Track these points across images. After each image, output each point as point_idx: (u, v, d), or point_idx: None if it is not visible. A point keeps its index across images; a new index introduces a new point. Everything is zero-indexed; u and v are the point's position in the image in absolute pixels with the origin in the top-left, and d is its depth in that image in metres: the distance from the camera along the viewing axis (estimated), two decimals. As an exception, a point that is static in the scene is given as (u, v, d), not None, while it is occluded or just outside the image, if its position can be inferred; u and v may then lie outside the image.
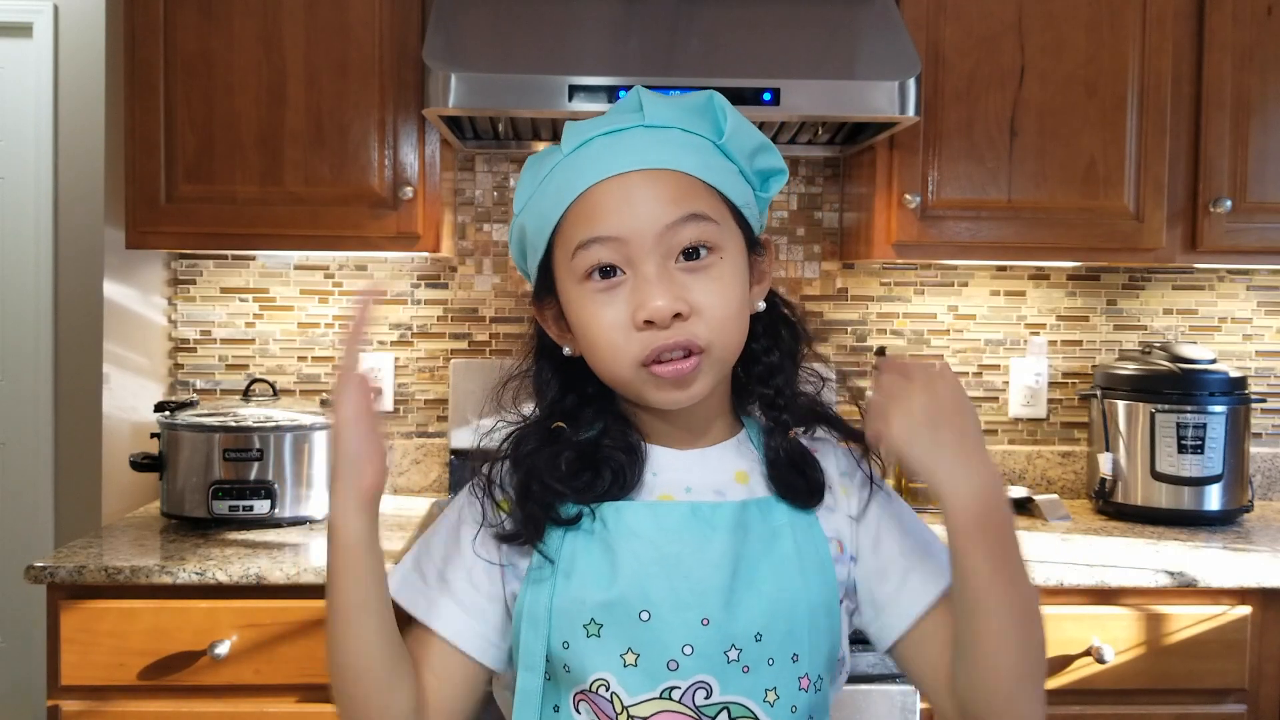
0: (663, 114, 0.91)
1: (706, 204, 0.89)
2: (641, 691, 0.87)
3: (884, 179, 2.09)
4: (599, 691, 0.87)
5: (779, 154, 0.96)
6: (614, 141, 0.90)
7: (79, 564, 1.72)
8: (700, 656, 0.87)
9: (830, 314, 2.44)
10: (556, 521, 0.91)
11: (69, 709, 1.73)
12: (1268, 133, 2.10)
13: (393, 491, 2.39)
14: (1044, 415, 2.46)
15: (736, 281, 0.90)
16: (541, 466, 0.92)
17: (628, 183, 0.88)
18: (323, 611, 0.88)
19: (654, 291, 0.86)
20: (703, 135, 0.91)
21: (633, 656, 0.87)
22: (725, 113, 0.91)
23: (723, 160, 0.92)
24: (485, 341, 2.41)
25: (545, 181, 0.92)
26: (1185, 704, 1.79)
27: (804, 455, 0.96)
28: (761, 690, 0.88)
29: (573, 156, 0.91)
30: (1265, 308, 2.48)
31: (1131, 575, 1.77)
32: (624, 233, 0.87)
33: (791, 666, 0.89)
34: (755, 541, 0.91)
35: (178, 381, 2.39)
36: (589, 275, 0.88)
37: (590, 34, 1.96)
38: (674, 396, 0.89)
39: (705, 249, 0.88)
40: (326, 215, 2.03)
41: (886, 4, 1.99)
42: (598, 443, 0.94)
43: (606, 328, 0.88)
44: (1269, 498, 2.46)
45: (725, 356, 0.91)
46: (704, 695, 0.87)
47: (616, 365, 0.89)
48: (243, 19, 2.02)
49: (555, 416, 0.96)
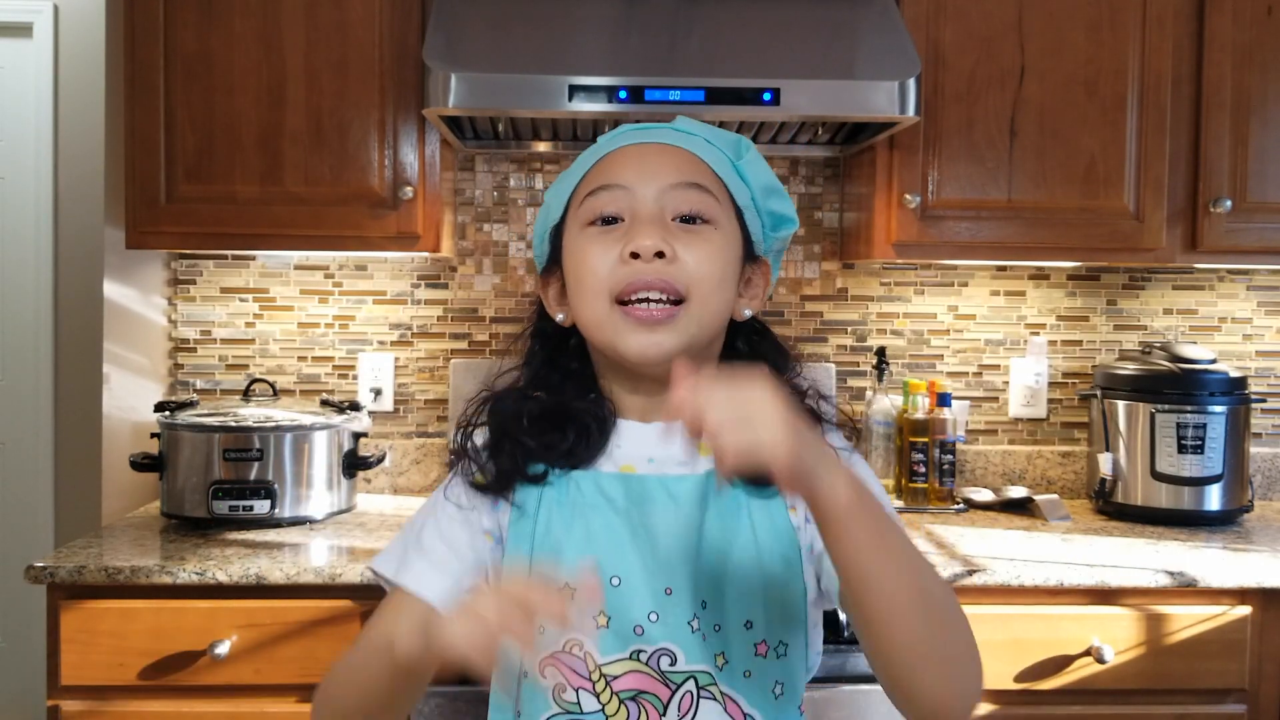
0: (692, 126, 1.01)
1: (712, 185, 0.97)
2: (613, 652, 0.91)
3: (884, 179, 2.09)
4: (572, 652, 0.91)
5: (791, 204, 1.02)
6: (642, 131, 1.00)
7: (79, 564, 1.72)
8: (664, 624, 0.91)
9: (830, 314, 2.44)
10: (527, 479, 0.96)
11: (69, 709, 1.73)
12: (1268, 133, 2.10)
13: (393, 491, 2.39)
14: (1044, 415, 2.46)
15: (723, 257, 0.96)
16: (510, 420, 0.97)
17: (644, 149, 0.98)
18: (322, 611, 0.89)
19: (644, 230, 0.92)
20: (722, 150, 1.00)
21: (604, 618, 0.91)
22: (748, 149, 1.01)
23: (735, 175, 0.99)
24: (485, 341, 2.41)
25: (574, 165, 1.02)
26: (1185, 704, 1.79)
27: None
28: (711, 655, 0.91)
29: (602, 143, 1.01)
30: (1265, 308, 2.48)
31: (1131, 575, 1.77)
32: (630, 183, 0.95)
33: (745, 633, 0.92)
34: (715, 514, 0.94)
35: (178, 381, 2.40)
36: (593, 221, 0.96)
37: (590, 34, 1.96)
38: (643, 340, 0.92)
39: (702, 219, 0.95)
40: (326, 215, 2.03)
41: (886, 4, 1.99)
42: (568, 404, 0.98)
43: (594, 260, 0.94)
44: (1269, 498, 2.46)
45: (701, 315, 0.94)
46: (668, 662, 0.91)
47: (595, 299, 0.94)
48: (243, 19, 2.02)
49: (535, 388, 1.01)
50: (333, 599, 1.73)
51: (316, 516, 2.04)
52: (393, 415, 2.41)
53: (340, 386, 2.40)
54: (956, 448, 2.28)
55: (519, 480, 0.96)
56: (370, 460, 2.14)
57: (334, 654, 1.71)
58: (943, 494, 2.24)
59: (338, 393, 2.39)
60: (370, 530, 2.01)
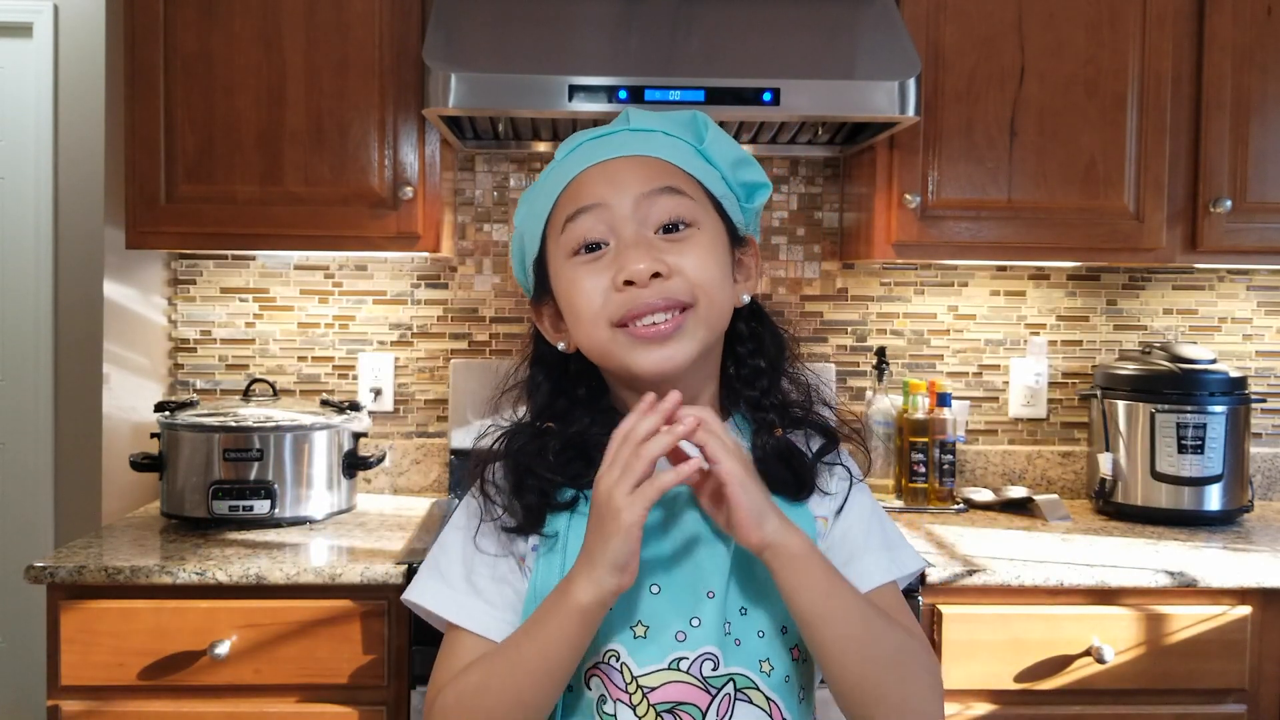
0: (647, 121, 0.99)
1: (684, 184, 0.96)
2: (651, 662, 0.90)
3: (884, 179, 2.09)
4: (610, 662, 0.91)
5: (761, 169, 1.02)
6: (601, 142, 0.98)
7: (79, 564, 1.72)
8: (707, 628, 0.91)
9: (830, 314, 2.44)
10: (555, 507, 0.95)
11: (69, 709, 1.73)
12: (1268, 133, 2.10)
13: (393, 491, 2.39)
14: (1044, 415, 2.46)
15: (715, 254, 0.95)
16: (533, 459, 0.96)
17: (610, 165, 0.96)
18: (321, 611, 0.89)
19: (633, 255, 0.91)
20: (684, 139, 0.99)
21: (643, 629, 0.91)
22: (706, 126, 0.99)
23: (703, 161, 0.99)
24: (485, 341, 2.41)
25: (539, 186, 1.00)
26: (1185, 704, 1.78)
27: (790, 449, 0.99)
28: (756, 661, 0.92)
29: (563, 161, 0.99)
30: (1265, 308, 2.48)
31: (1131, 575, 1.77)
32: (604, 197, 0.93)
33: (781, 638, 0.93)
34: None
35: (178, 381, 2.40)
36: (577, 251, 0.94)
37: (590, 34, 1.96)
38: (655, 355, 0.92)
39: (684, 224, 0.94)
40: (326, 215, 2.03)
41: (886, 4, 1.99)
42: (585, 433, 0.97)
43: (588, 292, 0.93)
44: (1269, 498, 2.46)
45: (710, 316, 0.94)
46: (711, 666, 0.90)
47: (595, 328, 0.93)
48: (243, 19, 2.02)
49: (545, 419, 1.00)
50: (333, 599, 1.73)
51: (316, 516, 2.04)
52: (393, 415, 2.41)
53: (340, 386, 2.40)
54: (956, 448, 2.28)
55: (549, 511, 0.95)
56: (370, 460, 2.14)
57: (334, 654, 1.72)
58: (943, 494, 2.24)
59: (338, 393, 2.39)
60: (370, 530, 2.01)
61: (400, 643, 1.74)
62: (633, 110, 1.01)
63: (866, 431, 2.31)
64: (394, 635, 1.74)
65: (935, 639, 1.76)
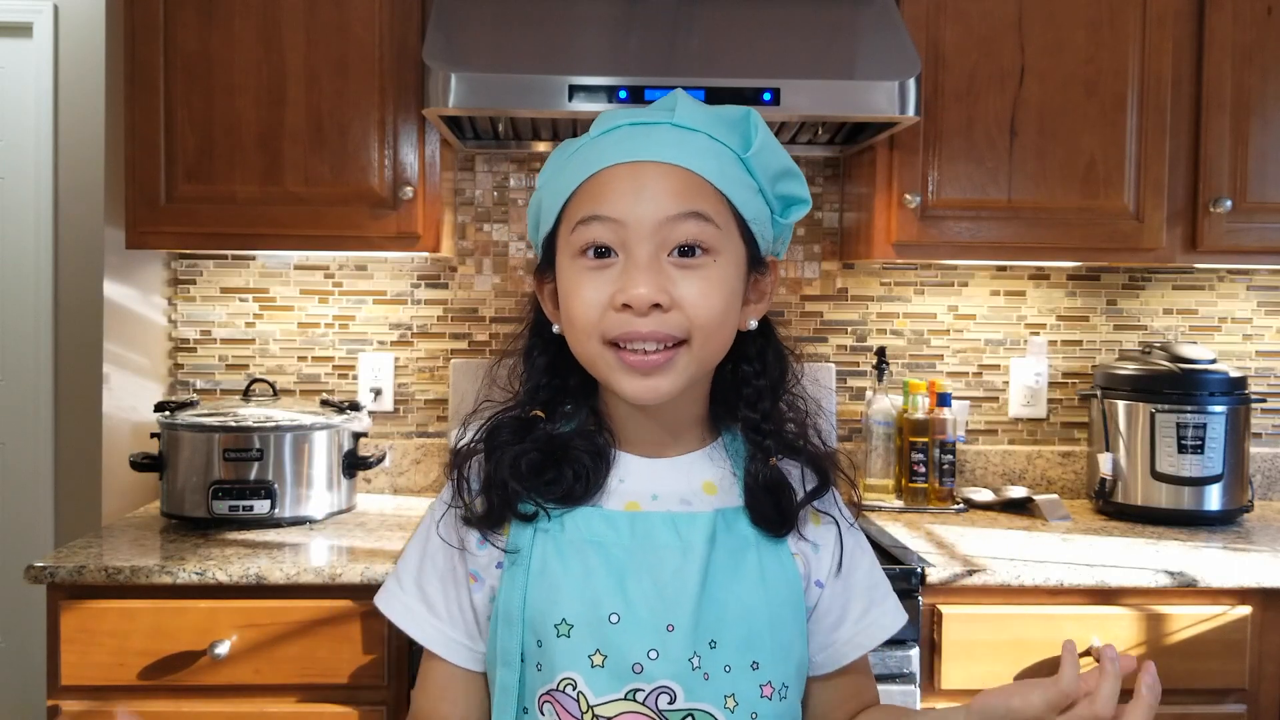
0: (694, 117, 0.92)
1: (712, 207, 0.89)
2: (607, 692, 0.88)
3: (884, 179, 2.09)
4: (565, 690, 0.89)
5: (804, 183, 0.96)
6: (639, 132, 0.91)
7: (79, 564, 1.72)
8: (665, 661, 0.88)
9: (830, 314, 2.44)
10: (520, 517, 0.93)
11: (69, 709, 1.73)
12: (1268, 133, 2.10)
13: (393, 491, 2.39)
14: (1044, 415, 2.46)
15: (726, 288, 0.90)
16: (505, 469, 0.93)
17: (639, 170, 0.89)
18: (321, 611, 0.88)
19: (639, 278, 0.87)
20: (728, 146, 0.92)
21: (600, 657, 0.88)
22: (757, 129, 0.92)
23: (743, 173, 0.92)
24: (485, 341, 2.41)
25: (569, 159, 0.94)
26: (1185, 704, 1.78)
27: (781, 485, 0.96)
28: (721, 697, 0.89)
29: (598, 140, 0.93)
30: (1265, 308, 2.48)
31: (1131, 575, 1.77)
32: (624, 216, 0.88)
33: (751, 674, 0.90)
34: (722, 551, 0.92)
35: (178, 381, 2.40)
36: (584, 252, 0.90)
37: (590, 34, 1.96)
38: (638, 386, 0.89)
39: (701, 249, 0.89)
40: (326, 215, 2.03)
41: (886, 4, 1.99)
42: (567, 442, 0.95)
43: (586, 302, 0.89)
44: (1269, 498, 2.46)
45: (703, 356, 0.91)
46: (667, 700, 0.88)
47: (586, 339, 0.90)
48: (243, 19, 2.02)
49: (534, 404, 0.98)
50: (333, 599, 1.73)
51: (316, 516, 2.04)
52: (393, 415, 2.41)
53: (340, 386, 2.40)
54: (956, 448, 2.28)
55: (511, 518, 0.93)
56: (370, 460, 2.14)
57: (334, 654, 1.72)
58: (943, 494, 2.24)
59: (338, 393, 2.39)
60: (370, 530, 2.01)
61: (400, 643, 1.74)
62: (682, 96, 0.93)
63: (866, 431, 2.31)
64: (394, 635, 1.73)
65: (935, 639, 1.76)
